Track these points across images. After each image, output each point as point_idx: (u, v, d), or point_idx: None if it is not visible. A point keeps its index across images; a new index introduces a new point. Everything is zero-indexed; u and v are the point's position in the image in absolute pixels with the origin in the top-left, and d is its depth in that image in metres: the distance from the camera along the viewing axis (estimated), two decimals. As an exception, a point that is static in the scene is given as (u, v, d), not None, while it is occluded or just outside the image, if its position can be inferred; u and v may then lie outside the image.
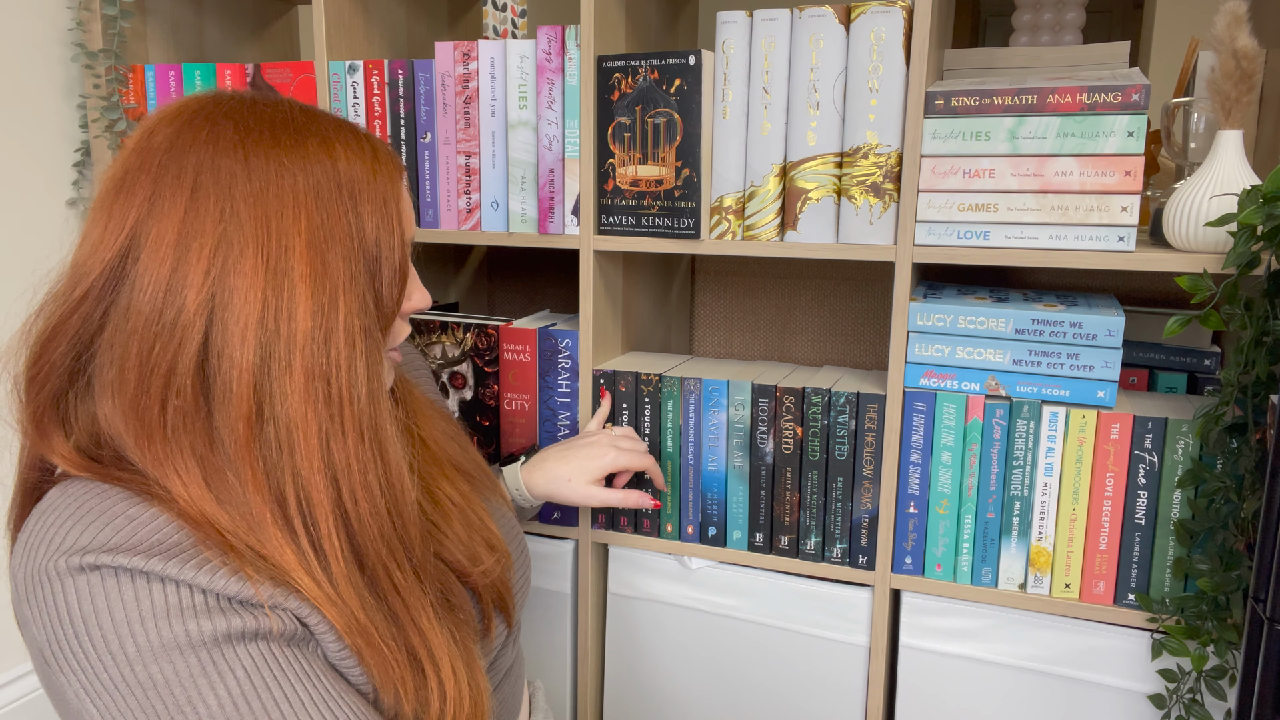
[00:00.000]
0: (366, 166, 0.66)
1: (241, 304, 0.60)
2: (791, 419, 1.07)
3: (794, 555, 1.10)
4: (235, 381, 0.60)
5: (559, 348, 1.16)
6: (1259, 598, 0.77)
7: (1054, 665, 1.01)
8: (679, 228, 1.08)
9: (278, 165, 0.62)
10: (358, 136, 0.68)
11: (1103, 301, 1.06)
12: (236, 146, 0.62)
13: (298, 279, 0.61)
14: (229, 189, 0.61)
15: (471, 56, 1.14)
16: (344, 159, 0.65)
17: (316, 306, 0.61)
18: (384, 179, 0.67)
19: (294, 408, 0.60)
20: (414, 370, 0.98)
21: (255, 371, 0.60)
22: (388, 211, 0.66)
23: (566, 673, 1.24)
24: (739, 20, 1.02)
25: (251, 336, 0.60)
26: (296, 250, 0.61)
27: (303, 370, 0.60)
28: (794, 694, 1.14)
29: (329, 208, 0.63)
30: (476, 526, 0.79)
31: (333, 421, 0.62)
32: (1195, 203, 0.91)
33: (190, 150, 0.62)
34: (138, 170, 0.62)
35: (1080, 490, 0.98)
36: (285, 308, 0.60)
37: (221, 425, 0.60)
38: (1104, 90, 0.91)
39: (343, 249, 0.63)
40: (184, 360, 0.60)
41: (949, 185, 0.97)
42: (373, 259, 0.65)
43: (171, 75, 1.31)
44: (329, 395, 0.61)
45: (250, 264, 0.60)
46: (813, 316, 1.40)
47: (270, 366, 0.60)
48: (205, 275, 0.59)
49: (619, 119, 1.08)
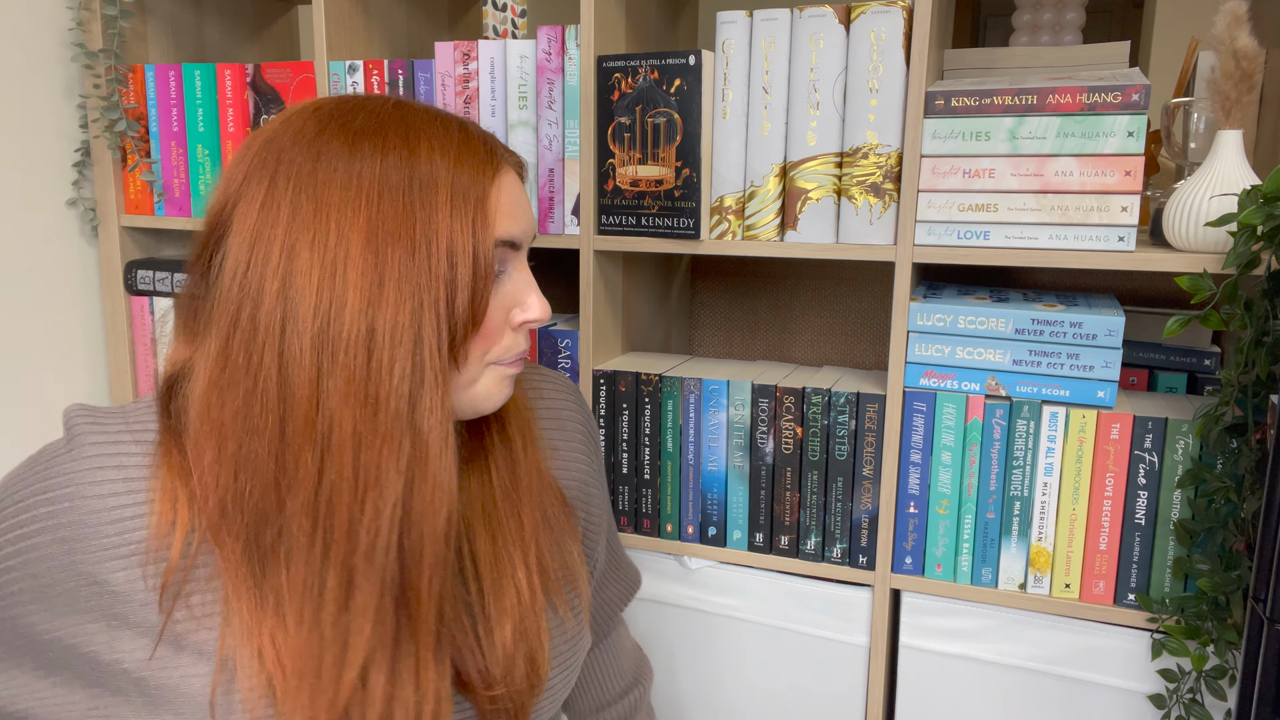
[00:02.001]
0: (450, 159, 0.64)
1: (299, 297, 0.60)
2: (791, 419, 1.07)
3: (794, 555, 1.10)
4: (296, 377, 0.59)
5: (559, 348, 1.16)
6: (1259, 598, 0.77)
7: (1054, 665, 1.01)
8: (679, 228, 1.08)
9: (347, 159, 0.62)
10: (449, 128, 0.66)
11: (1103, 301, 1.06)
12: (314, 139, 0.62)
13: (350, 273, 0.60)
14: (299, 181, 0.61)
15: (471, 56, 1.14)
16: (425, 152, 0.63)
17: (363, 302, 0.60)
18: (470, 174, 0.64)
19: (335, 406, 0.59)
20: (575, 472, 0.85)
21: (312, 368, 0.59)
22: (466, 206, 0.63)
23: (566, 673, 1.24)
24: (739, 20, 1.02)
25: (308, 332, 0.59)
26: (353, 243, 0.60)
27: (344, 368, 0.59)
28: (794, 694, 1.14)
29: (395, 202, 0.61)
30: (530, 636, 0.71)
31: (366, 424, 0.60)
32: (1195, 203, 0.91)
33: (276, 143, 0.63)
34: (240, 158, 0.64)
35: (1080, 490, 0.98)
36: (336, 302, 0.60)
37: (287, 421, 0.60)
38: (1104, 90, 0.91)
39: (404, 244, 0.61)
40: (261, 354, 0.60)
41: (949, 185, 0.97)
42: (444, 256, 0.62)
43: (171, 75, 1.31)
44: (365, 396, 0.60)
45: (307, 258, 0.60)
46: (813, 316, 1.40)
47: (323, 362, 0.59)
48: (276, 267, 0.60)
49: (619, 119, 1.08)
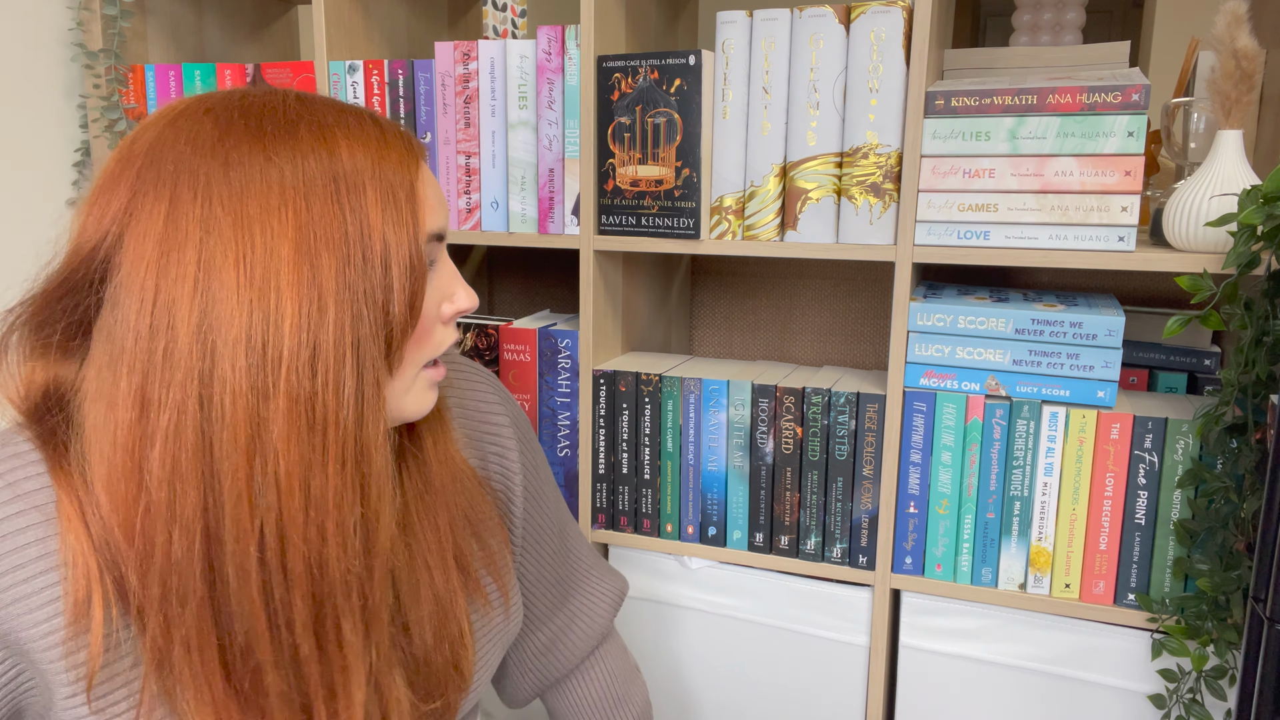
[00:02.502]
0: (371, 154, 0.59)
1: (229, 323, 0.54)
2: (791, 419, 1.07)
3: (794, 555, 1.10)
4: (231, 411, 0.54)
5: (559, 348, 1.16)
6: (1259, 598, 0.77)
7: (1054, 665, 1.01)
8: (679, 228, 1.08)
9: (262, 162, 0.56)
10: (362, 121, 0.61)
11: (1103, 301, 1.06)
12: (217, 145, 0.56)
13: (284, 287, 0.55)
14: (207, 193, 0.55)
15: (471, 56, 1.14)
16: (344, 148, 0.58)
17: (303, 318, 0.55)
18: (392, 166, 0.60)
19: (279, 434, 0.54)
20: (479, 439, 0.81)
21: (250, 397, 0.54)
22: (396, 202, 0.59)
23: (566, 673, 1.24)
24: (739, 20, 1.02)
25: (241, 358, 0.54)
26: (283, 255, 0.55)
27: (286, 391, 0.54)
28: (794, 694, 1.14)
29: (321, 203, 0.56)
30: (452, 639, 0.69)
31: (314, 449, 0.55)
32: (1195, 203, 0.91)
33: (169, 152, 0.57)
34: (118, 175, 0.58)
35: (1080, 490, 0.98)
36: (272, 321, 0.54)
37: (221, 460, 0.54)
38: (1104, 90, 0.91)
39: (338, 249, 0.56)
40: (180, 395, 0.54)
41: (949, 185, 0.97)
42: (378, 258, 0.58)
43: (171, 75, 1.31)
44: (312, 419, 0.55)
45: (233, 277, 0.54)
46: (813, 316, 1.40)
47: (264, 389, 0.54)
48: (192, 294, 0.54)
49: (619, 119, 1.08)
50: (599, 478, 1.17)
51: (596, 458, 1.17)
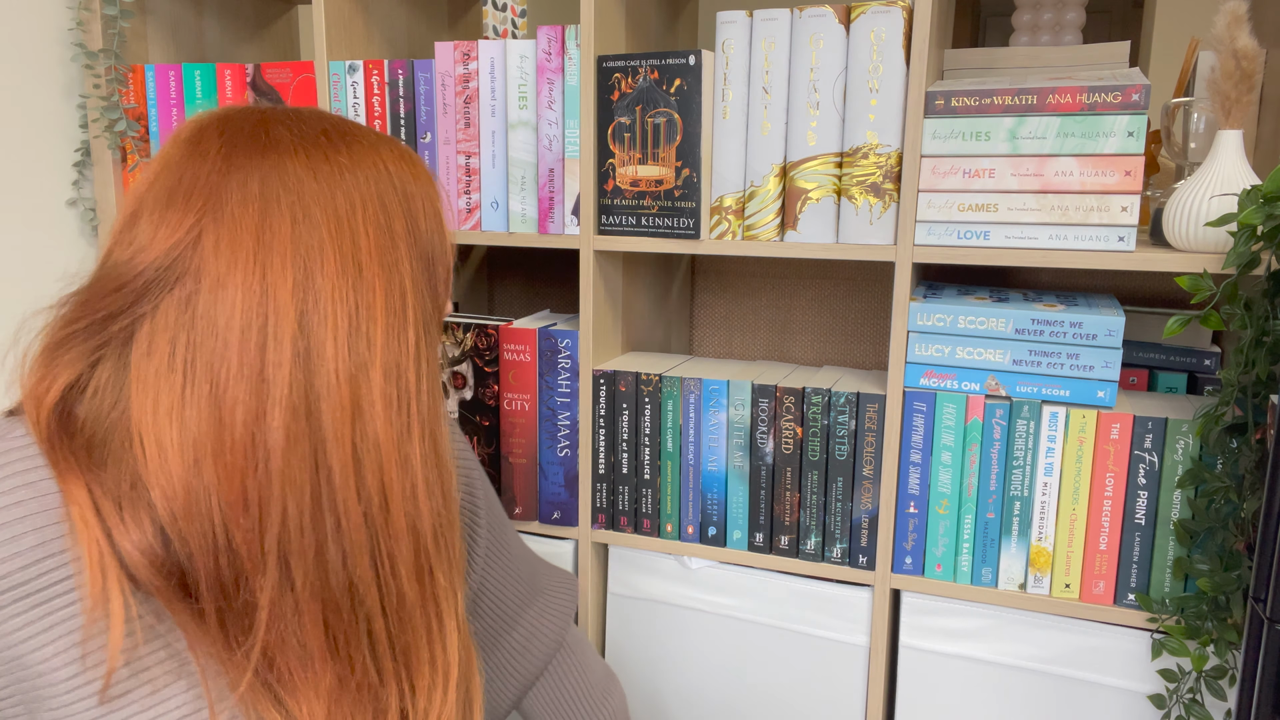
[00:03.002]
0: (410, 171, 0.66)
1: (330, 309, 0.59)
2: (791, 419, 1.07)
3: (794, 555, 1.10)
4: (335, 385, 0.59)
5: (559, 348, 1.16)
6: (1259, 598, 0.77)
7: (1054, 665, 1.01)
8: (679, 228, 1.08)
9: (338, 167, 0.62)
10: (394, 142, 0.68)
11: (1103, 301, 1.06)
12: (298, 151, 0.62)
13: (374, 280, 0.61)
14: (299, 193, 0.60)
15: (471, 56, 1.14)
16: (391, 161, 0.65)
17: (390, 308, 0.61)
18: (425, 183, 0.67)
19: (378, 406, 0.60)
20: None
21: (352, 373, 0.59)
22: (435, 210, 0.67)
23: (566, 673, 1.24)
24: (739, 20, 1.02)
25: (344, 340, 0.59)
26: (368, 252, 0.61)
27: (381, 371, 0.60)
28: (794, 694, 1.14)
29: (391, 210, 0.63)
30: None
31: (403, 419, 0.62)
32: (1195, 203, 0.91)
33: (251, 156, 0.61)
34: (193, 178, 0.60)
35: (1080, 490, 0.98)
36: (365, 309, 0.60)
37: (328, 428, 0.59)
38: (1104, 90, 0.91)
39: (406, 250, 0.63)
40: (289, 372, 0.58)
41: (949, 185, 0.97)
42: (429, 260, 0.66)
43: (171, 75, 1.31)
44: (402, 392, 0.62)
45: (333, 268, 0.59)
46: (813, 316, 1.40)
47: (362, 366, 0.60)
48: (293, 283, 0.58)
49: (619, 119, 1.08)
50: (599, 478, 1.17)
51: (596, 458, 1.17)
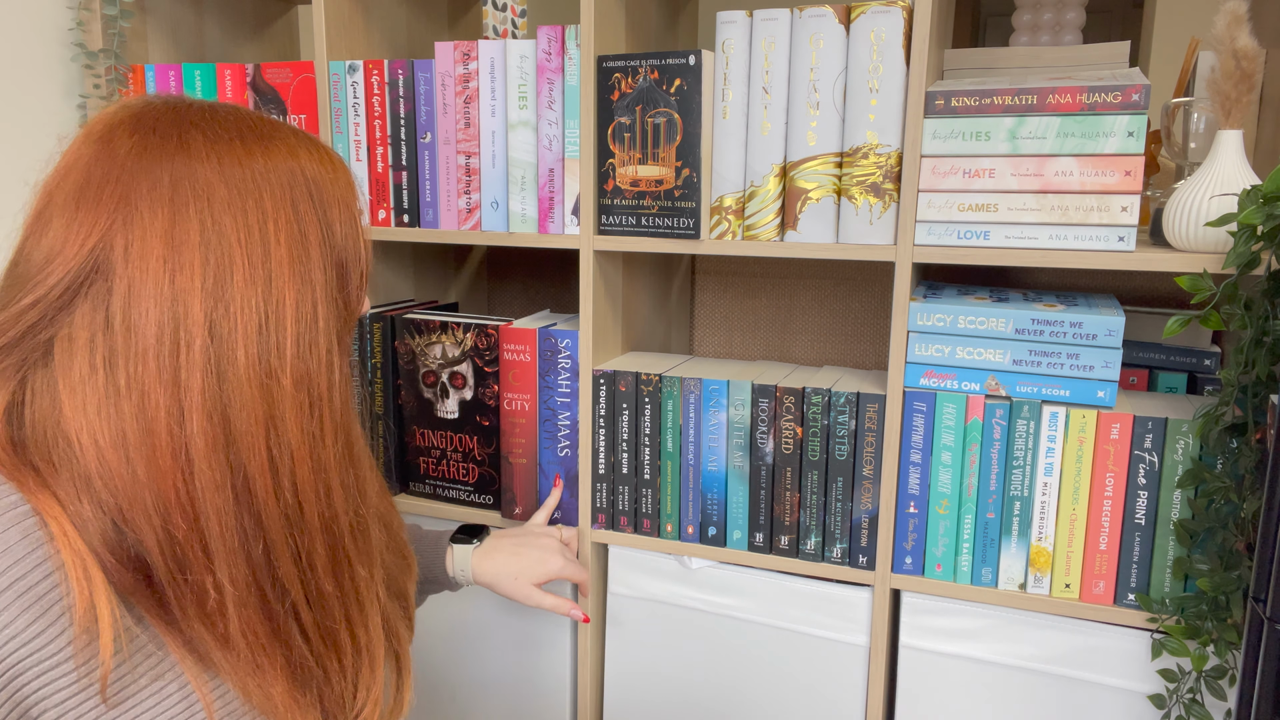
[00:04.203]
0: (328, 171, 0.67)
1: (240, 318, 0.60)
2: (791, 419, 1.07)
3: (794, 555, 1.10)
4: (247, 391, 0.60)
5: (559, 348, 1.16)
6: (1259, 598, 0.77)
7: (1054, 665, 1.01)
8: (679, 228, 1.08)
9: (251, 172, 0.62)
10: (315, 143, 0.68)
11: (1103, 301, 1.06)
12: (209, 154, 0.62)
13: (285, 288, 0.62)
14: (209, 198, 0.60)
15: (471, 56, 1.14)
16: (308, 164, 0.65)
17: (300, 313, 0.62)
18: (343, 184, 0.67)
19: (288, 411, 0.61)
20: None
21: (262, 379, 0.60)
22: (352, 215, 0.67)
23: (566, 672, 1.24)
24: (739, 20, 1.02)
25: (254, 346, 0.60)
26: (278, 256, 0.62)
27: (291, 374, 0.61)
28: (794, 694, 1.14)
29: (303, 212, 0.64)
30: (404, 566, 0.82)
31: (315, 423, 0.63)
32: (1195, 203, 0.91)
33: (162, 159, 0.61)
34: (102, 178, 0.60)
35: (1080, 490, 0.98)
36: (274, 314, 0.61)
37: (242, 434, 0.60)
38: (1104, 90, 0.91)
39: (319, 253, 0.64)
40: (201, 379, 0.59)
41: (949, 185, 0.97)
42: (343, 266, 0.66)
43: (171, 75, 1.31)
44: (312, 397, 0.63)
45: (243, 276, 0.60)
46: (813, 316, 1.40)
47: (271, 371, 0.61)
48: (203, 291, 0.59)
49: (619, 119, 1.08)
50: (599, 478, 1.17)
51: (596, 458, 1.17)
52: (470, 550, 1.05)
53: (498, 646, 1.27)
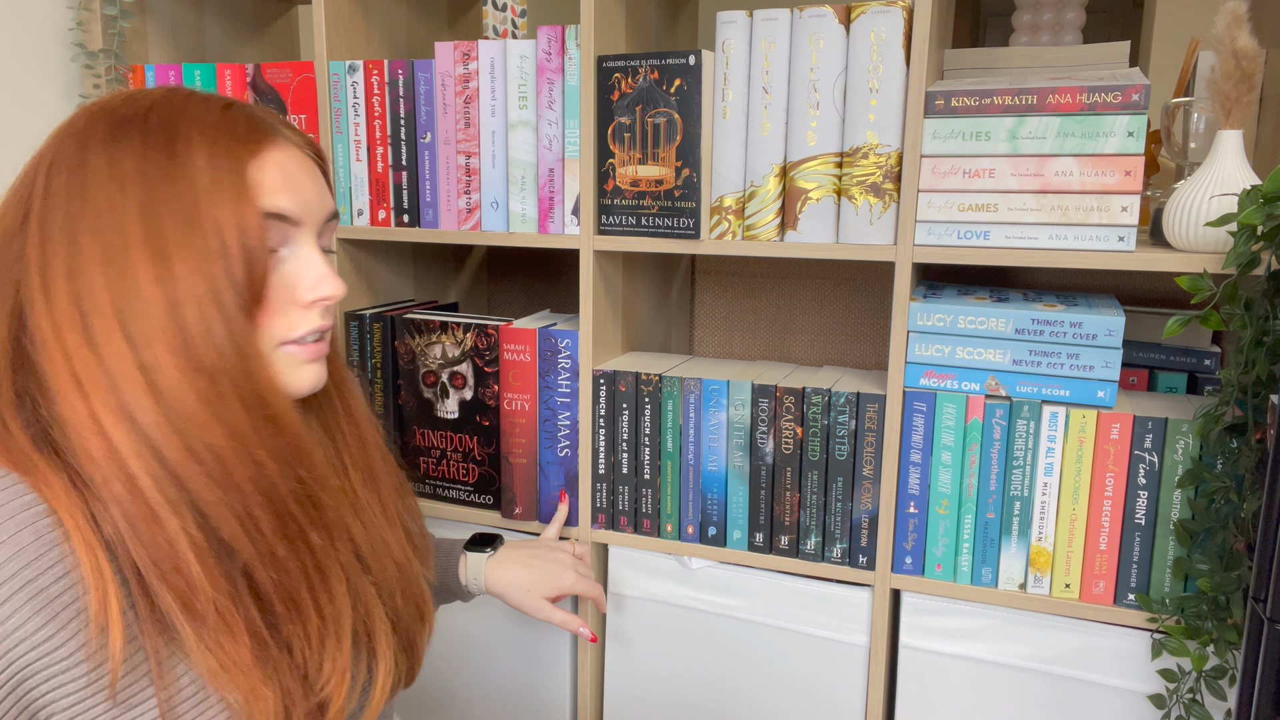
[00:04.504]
0: (208, 136, 0.66)
1: (101, 293, 0.61)
2: (791, 419, 1.07)
3: (794, 555, 1.10)
4: (127, 367, 0.61)
5: (559, 348, 1.16)
6: (1259, 598, 0.77)
7: (1054, 665, 1.01)
8: (679, 228, 1.08)
9: (111, 150, 0.64)
10: (210, 108, 0.68)
11: (1103, 301, 1.06)
12: (82, 136, 0.65)
13: (137, 256, 0.62)
14: (71, 177, 0.64)
15: (471, 56, 1.14)
16: (183, 131, 0.65)
17: (157, 277, 0.62)
18: (226, 146, 0.66)
19: (171, 379, 0.61)
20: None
21: (132, 352, 0.61)
22: (229, 181, 0.65)
23: (566, 672, 1.24)
24: (739, 20, 1.02)
25: (116, 322, 0.61)
26: (132, 233, 0.62)
27: (162, 340, 0.61)
28: (794, 694, 1.14)
29: (161, 183, 0.63)
30: (415, 599, 0.82)
31: (213, 390, 0.62)
32: (1195, 203, 0.91)
33: (59, 142, 0.65)
34: (33, 163, 0.66)
35: (1080, 490, 0.98)
36: (132, 287, 0.62)
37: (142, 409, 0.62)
38: (1104, 90, 0.91)
39: (178, 220, 0.63)
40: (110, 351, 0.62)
41: (949, 185, 0.97)
42: (216, 230, 0.64)
43: (171, 75, 1.31)
44: (198, 363, 0.62)
45: (98, 253, 0.62)
46: (813, 316, 1.40)
47: (140, 341, 0.61)
48: (68, 274, 0.62)
49: (619, 119, 1.08)
50: (599, 478, 1.17)
51: (596, 458, 1.17)
52: (484, 559, 1.04)
53: (498, 646, 1.27)
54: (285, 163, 0.69)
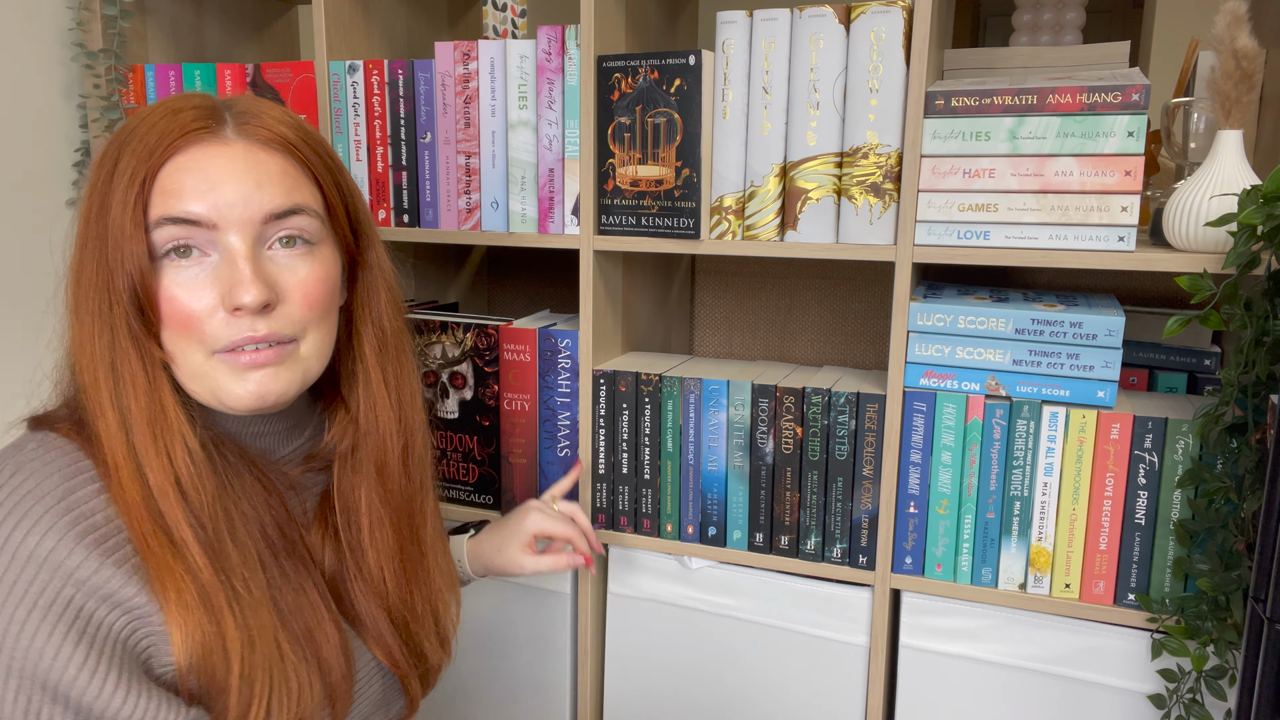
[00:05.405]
0: (138, 137, 0.65)
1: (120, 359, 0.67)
2: (791, 419, 1.07)
3: (794, 555, 1.10)
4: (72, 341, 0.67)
5: (559, 348, 1.16)
6: (1259, 598, 0.77)
7: (1054, 665, 1.01)
8: (679, 228, 1.08)
9: (100, 156, 0.67)
10: (158, 108, 0.67)
11: (1103, 301, 1.06)
12: (95, 162, 0.68)
13: (75, 249, 0.67)
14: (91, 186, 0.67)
15: (471, 56, 1.14)
16: (138, 132, 0.66)
17: (73, 271, 0.66)
18: (144, 150, 0.64)
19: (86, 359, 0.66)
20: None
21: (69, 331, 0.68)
22: (134, 185, 0.63)
23: (566, 672, 1.24)
24: (739, 20, 1.02)
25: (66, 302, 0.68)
26: (82, 229, 0.66)
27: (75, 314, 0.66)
28: (794, 694, 1.14)
29: (99, 181, 0.66)
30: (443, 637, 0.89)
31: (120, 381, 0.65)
32: (1195, 203, 0.91)
33: (93, 165, 0.70)
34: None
35: (1080, 490, 0.98)
36: (73, 269, 0.67)
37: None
38: (1104, 90, 0.91)
39: (96, 219, 0.65)
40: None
41: (949, 185, 0.97)
42: (114, 240, 0.63)
43: (171, 75, 1.31)
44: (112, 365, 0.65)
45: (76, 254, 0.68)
46: (813, 316, 1.40)
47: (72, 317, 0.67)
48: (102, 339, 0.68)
49: (619, 119, 1.08)
50: (599, 478, 1.17)
51: (596, 458, 1.17)
52: (464, 540, 1.05)
53: (498, 645, 1.27)
54: (207, 165, 0.65)
